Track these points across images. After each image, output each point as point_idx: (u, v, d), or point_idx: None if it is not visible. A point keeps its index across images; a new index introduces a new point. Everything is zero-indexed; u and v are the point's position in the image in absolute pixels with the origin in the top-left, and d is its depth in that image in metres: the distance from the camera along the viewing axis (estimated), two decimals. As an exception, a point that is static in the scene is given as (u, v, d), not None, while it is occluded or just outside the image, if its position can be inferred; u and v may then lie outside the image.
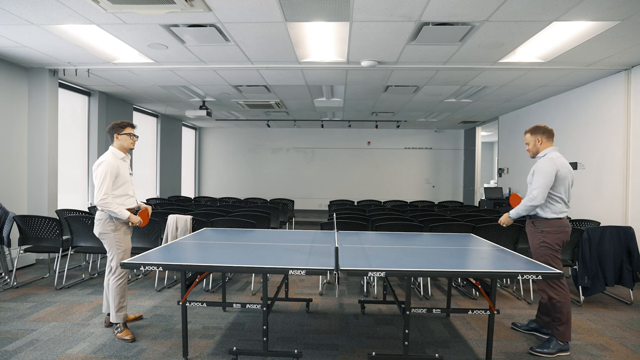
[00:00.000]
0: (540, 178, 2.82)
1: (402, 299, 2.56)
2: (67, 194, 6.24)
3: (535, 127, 3.04)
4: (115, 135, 3.09)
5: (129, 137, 3.13)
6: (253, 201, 7.67)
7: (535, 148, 3.00)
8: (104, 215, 2.99)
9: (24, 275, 4.61)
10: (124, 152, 3.12)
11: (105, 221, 2.99)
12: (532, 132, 3.02)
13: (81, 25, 3.86)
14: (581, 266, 3.85)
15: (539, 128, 3.01)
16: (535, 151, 3.01)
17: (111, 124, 3.15)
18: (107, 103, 6.98)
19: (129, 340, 2.88)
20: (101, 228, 3.01)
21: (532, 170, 2.94)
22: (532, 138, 3.01)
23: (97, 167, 2.95)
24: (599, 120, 5.59)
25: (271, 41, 4.24)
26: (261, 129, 11.73)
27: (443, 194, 11.47)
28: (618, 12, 3.40)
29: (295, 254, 2.68)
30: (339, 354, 2.72)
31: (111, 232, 3.01)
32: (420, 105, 7.79)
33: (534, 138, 2.99)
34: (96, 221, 3.03)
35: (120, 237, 3.04)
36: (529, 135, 3.03)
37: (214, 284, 4.33)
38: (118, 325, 2.95)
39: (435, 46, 4.33)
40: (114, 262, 3.04)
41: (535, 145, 2.99)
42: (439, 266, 2.42)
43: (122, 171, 3.03)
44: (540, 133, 2.98)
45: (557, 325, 2.79)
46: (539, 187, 2.81)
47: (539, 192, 2.80)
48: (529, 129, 3.07)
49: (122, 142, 3.10)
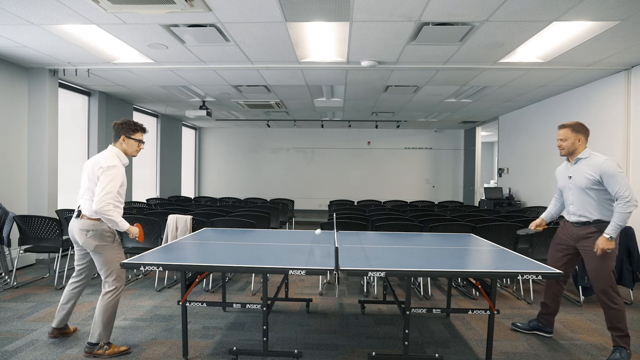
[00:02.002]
0: (622, 179, 2.57)
1: (402, 299, 2.56)
2: (67, 194, 6.24)
3: (578, 123, 2.77)
4: (123, 137, 2.70)
5: (137, 144, 2.76)
6: (253, 201, 7.67)
7: (574, 147, 2.76)
8: (100, 225, 2.62)
9: (24, 275, 4.61)
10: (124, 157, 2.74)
11: (103, 232, 2.62)
12: (575, 129, 2.75)
13: (81, 25, 3.86)
14: (581, 266, 3.84)
15: (582, 126, 2.76)
16: (573, 150, 2.77)
17: (122, 120, 2.74)
18: (107, 103, 6.98)
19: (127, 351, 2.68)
20: (98, 240, 2.61)
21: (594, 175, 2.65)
22: (573, 135, 2.74)
23: (107, 169, 2.56)
24: (599, 121, 5.59)
25: (271, 41, 4.24)
26: (261, 129, 11.73)
27: (443, 194, 11.47)
28: (618, 12, 3.40)
29: (295, 254, 2.68)
30: (339, 354, 2.72)
31: (111, 242, 2.66)
32: (420, 105, 7.79)
33: (576, 137, 2.74)
34: (85, 232, 2.61)
35: (120, 249, 2.73)
36: (570, 132, 2.75)
37: (214, 284, 4.33)
38: (101, 344, 2.60)
39: (435, 46, 4.33)
40: (111, 277, 2.64)
41: (574, 143, 2.75)
42: (439, 266, 2.42)
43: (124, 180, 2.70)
44: (583, 133, 2.75)
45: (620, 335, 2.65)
46: (628, 188, 2.55)
47: (631, 193, 2.54)
48: (569, 124, 2.78)
49: (127, 147, 2.73)
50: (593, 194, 2.70)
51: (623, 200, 2.54)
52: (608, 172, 2.61)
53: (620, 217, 2.55)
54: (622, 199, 2.55)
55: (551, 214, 3.11)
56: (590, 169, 2.69)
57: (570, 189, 2.83)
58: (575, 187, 2.78)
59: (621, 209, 2.55)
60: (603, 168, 2.64)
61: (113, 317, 2.66)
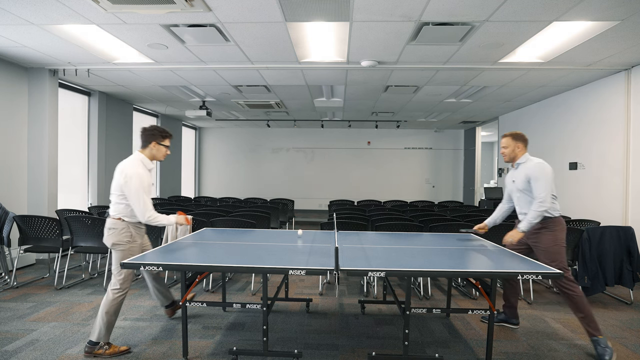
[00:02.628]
0: (543, 182, 2.87)
1: (402, 299, 2.56)
2: (67, 194, 6.25)
3: (516, 133, 3.09)
4: (154, 143, 2.83)
5: (165, 150, 2.91)
6: (253, 201, 7.66)
7: (514, 154, 3.07)
8: (120, 225, 2.72)
9: (24, 275, 4.61)
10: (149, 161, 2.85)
11: (122, 231, 2.72)
12: (514, 137, 3.07)
13: (81, 25, 3.86)
14: (581, 266, 3.85)
15: (520, 135, 3.08)
16: (513, 156, 3.08)
17: (152, 127, 2.88)
18: (107, 103, 6.98)
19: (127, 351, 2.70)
20: (116, 238, 2.71)
21: (525, 178, 2.96)
22: (513, 143, 3.06)
23: (128, 181, 2.66)
24: (599, 120, 5.59)
25: (271, 41, 4.24)
26: (261, 129, 11.73)
27: (443, 194, 11.47)
28: (618, 12, 3.40)
29: (295, 254, 2.68)
30: (339, 354, 2.72)
31: (127, 243, 2.74)
32: (420, 105, 7.79)
33: (515, 144, 3.06)
34: (108, 230, 2.74)
35: (135, 249, 2.78)
36: (510, 140, 3.07)
37: (214, 284, 4.33)
38: (101, 344, 2.64)
39: (435, 46, 4.33)
40: (118, 277, 2.72)
41: (514, 150, 3.06)
42: (439, 266, 2.42)
43: (147, 183, 2.78)
44: (522, 141, 3.06)
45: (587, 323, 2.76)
46: (545, 191, 2.85)
47: (547, 195, 2.85)
48: (509, 133, 3.11)
49: (156, 152, 2.86)
50: (530, 195, 2.97)
51: (538, 201, 2.86)
52: (533, 175, 2.92)
53: (532, 214, 2.89)
54: (536, 200, 2.87)
55: (494, 219, 3.38)
56: (525, 172, 2.98)
57: (514, 193, 3.13)
58: (517, 190, 3.08)
59: (534, 208, 2.88)
60: (531, 171, 2.95)
61: (115, 317, 2.71)
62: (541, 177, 2.89)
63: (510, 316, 3.26)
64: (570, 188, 6.22)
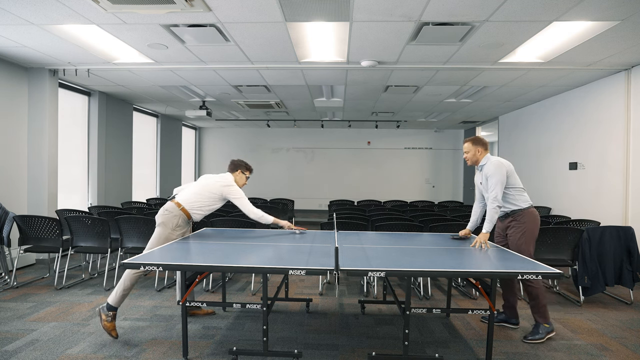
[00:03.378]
0: (493, 179, 3.05)
1: (402, 299, 2.56)
2: (67, 194, 6.24)
3: (475, 138, 3.26)
4: (240, 170, 3.48)
5: (246, 180, 3.53)
6: (253, 201, 7.65)
7: (475, 157, 3.23)
8: (177, 212, 3.15)
9: (24, 275, 4.61)
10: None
11: (174, 217, 3.14)
12: (474, 142, 3.23)
13: (81, 25, 3.86)
14: (581, 266, 3.85)
15: (479, 140, 3.24)
16: (475, 160, 3.24)
17: (242, 162, 3.54)
18: (107, 103, 6.98)
19: (114, 336, 2.86)
20: (165, 219, 3.13)
21: (485, 177, 3.15)
22: (473, 148, 3.22)
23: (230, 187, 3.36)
24: (599, 120, 5.59)
25: (271, 41, 4.24)
26: (261, 129, 11.73)
27: (443, 194, 11.47)
28: (618, 12, 3.40)
29: (295, 254, 2.68)
30: (339, 354, 2.72)
31: (169, 228, 3.11)
32: (420, 105, 7.79)
33: (475, 148, 3.21)
34: (165, 210, 3.17)
35: (171, 237, 3.11)
36: (470, 145, 3.23)
37: (214, 284, 4.33)
38: (109, 314, 2.86)
39: (435, 46, 4.33)
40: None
41: (475, 154, 3.22)
42: (439, 266, 2.42)
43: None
44: (481, 145, 3.22)
45: (537, 310, 3.02)
46: (495, 186, 3.04)
47: (497, 191, 3.03)
48: (469, 139, 3.27)
49: (240, 179, 3.47)
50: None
51: (490, 198, 3.06)
52: (487, 173, 3.12)
53: (488, 213, 3.08)
54: (490, 197, 3.07)
55: (474, 222, 3.50)
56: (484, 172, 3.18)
57: (484, 192, 3.27)
58: (485, 190, 3.21)
59: (490, 205, 3.07)
60: (486, 171, 3.14)
61: (129, 289, 2.95)
62: (493, 175, 3.05)
63: (510, 316, 3.27)
64: (570, 188, 6.22)
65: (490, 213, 3.06)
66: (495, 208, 3.04)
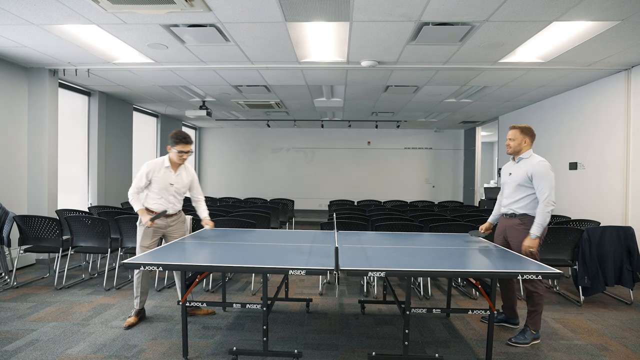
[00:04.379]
0: (548, 181, 2.88)
1: (402, 299, 2.56)
2: (67, 194, 6.24)
3: (525, 127, 3.07)
4: (169, 147, 3.26)
5: (178, 155, 3.24)
6: (253, 201, 7.67)
7: (519, 147, 3.05)
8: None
9: (24, 275, 4.61)
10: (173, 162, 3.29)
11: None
12: (523, 131, 3.05)
13: (81, 25, 3.86)
14: (581, 266, 3.85)
15: (529, 130, 3.06)
16: (518, 150, 3.05)
17: (173, 131, 3.29)
18: (107, 103, 6.97)
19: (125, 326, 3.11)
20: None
21: (529, 174, 2.95)
22: (521, 137, 3.04)
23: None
24: (599, 120, 5.59)
25: (271, 41, 4.24)
26: (261, 129, 11.73)
27: (443, 194, 11.47)
28: (618, 12, 3.40)
29: (295, 254, 2.68)
30: (339, 354, 2.72)
31: (138, 225, 3.23)
32: (420, 105, 7.79)
33: (523, 138, 3.03)
34: None
35: (141, 232, 3.20)
36: (518, 133, 3.04)
37: (214, 284, 4.33)
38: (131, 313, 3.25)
39: (435, 46, 4.33)
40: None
41: (520, 144, 3.04)
42: (439, 266, 2.42)
43: (159, 178, 3.22)
44: (530, 136, 3.05)
45: (532, 316, 2.96)
46: (551, 190, 2.86)
47: (553, 195, 2.86)
48: (519, 126, 3.07)
49: (173, 157, 3.28)
50: (524, 191, 3.00)
51: (546, 201, 2.86)
52: (538, 172, 2.91)
53: (540, 216, 2.88)
54: (542, 199, 2.87)
55: (496, 216, 3.37)
56: (527, 168, 2.98)
57: (508, 185, 3.12)
58: (512, 183, 3.07)
59: (540, 209, 2.88)
60: (536, 168, 2.94)
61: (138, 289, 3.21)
62: (546, 176, 2.88)
63: (510, 316, 3.26)
64: (570, 188, 6.22)
65: (543, 216, 2.86)
66: (549, 212, 2.86)
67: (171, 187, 3.27)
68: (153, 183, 3.23)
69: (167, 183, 3.25)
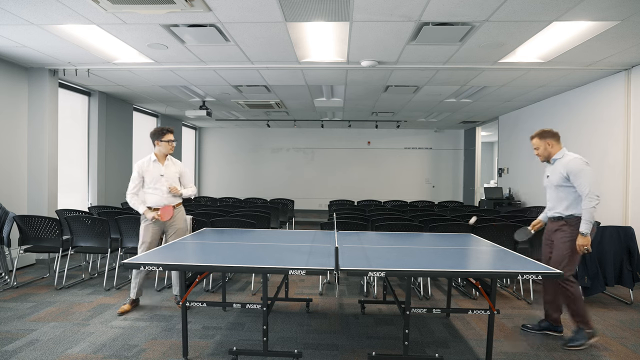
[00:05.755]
0: (586, 177, 2.79)
1: (402, 299, 2.56)
2: (67, 194, 6.24)
3: (542, 131, 3.03)
4: (156, 142, 3.53)
5: (168, 144, 3.53)
6: (253, 201, 7.67)
7: (547, 152, 3.01)
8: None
9: (24, 275, 4.61)
10: (160, 156, 3.56)
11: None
12: (541, 136, 3.01)
13: (81, 25, 3.86)
14: (581, 266, 3.84)
15: (546, 132, 3.01)
16: (547, 155, 3.01)
17: (153, 130, 3.55)
18: (107, 103, 6.98)
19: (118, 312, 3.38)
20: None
21: (565, 173, 2.87)
22: (541, 142, 3.01)
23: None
24: (599, 120, 5.59)
25: (271, 41, 4.24)
26: (261, 129, 11.73)
27: (443, 194, 11.47)
28: (618, 12, 3.40)
29: (295, 254, 2.68)
30: (339, 354, 2.72)
31: (142, 222, 3.52)
32: (420, 105, 7.79)
33: (545, 142, 3.00)
34: None
35: (142, 228, 3.49)
36: (538, 140, 3.02)
37: (214, 284, 4.33)
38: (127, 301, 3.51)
39: (435, 46, 4.33)
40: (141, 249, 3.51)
41: (546, 149, 3.00)
42: (439, 266, 2.42)
43: (149, 172, 3.49)
44: (550, 137, 2.99)
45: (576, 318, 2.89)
46: (590, 184, 2.77)
47: (595, 189, 2.77)
48: (535, 134, 3.05)
49: (161, 148, 3.54)
50: (564, 191, 2.93)
51: (585, 197, 2.78)
52: (573, 169, 2.84)
53: (585, 213, 2.79)
54: (584, 196, 2.79)
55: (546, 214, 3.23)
56: (561, 167, 2.92)
57: (549, 188, 3.07)
58: (551, 185, 3.02)
59: (585, 205, 2.79)
60: (569, 166, 2.87)
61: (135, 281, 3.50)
62: (581, 172, 2.80)
63: (554, 323, 3.10)
64: (570, 188, 6.20)
65: (589, 212, 2.76)
66: (594, 207, 2.75)
67: (162, 177, 3.52)
68: (145, 178, 3.50)
69: (157, 175, 3.51)
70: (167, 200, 3.52)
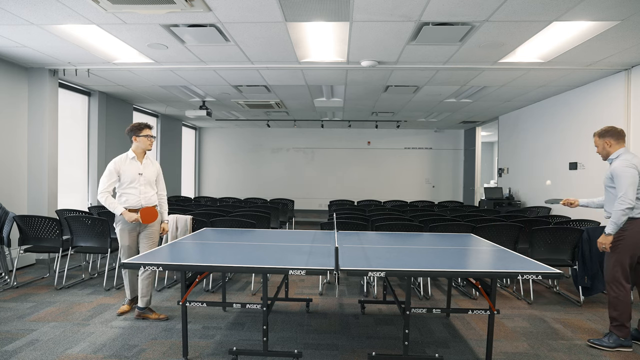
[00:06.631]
0: (624, 179, 2.74)
1: (402, 299, 2.56)
2: (67, 194, 6.24)
3: (603, 130, 2.97)
4: (134, 137, 3.31)
5: (147, 139, 3.33)
6: (253, 201, 7.67)
7: (605, 151, 2.96)
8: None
9: (24, 275, 4.61)
10: (138, 153, 3.33)
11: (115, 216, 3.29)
12: (601, 135, 2.97)
13: (81, 25, 3.86)
14: (581, 266, 3.85)
15: (607, 131, 2.95)
16: (606, 154, 2.97)
17: (129, 126, 3.34)
18: (107, 103, 6.97)
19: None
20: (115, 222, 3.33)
21: (610, 174, 2.87)
22: (600, 141, 2.98)
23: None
24: (599, 120, 5.58)
25: (271, 41, 4.24)
26: (261, 129, 11.73)
27: (443, 194, 11.47)
28: (618, 12, 3.40)
29: (295, 254, 2.68)
30: (339, 354, 2.72)
31: (116, 226, 3.31)
32: (420, 105, 7.79)
33: (603, 141, 2.96)
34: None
35: (118, 232, 3.30)
36: (597, 139, 3.00)
37: (214, 284, 4.33)
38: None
39: (435, 46, 4.33)
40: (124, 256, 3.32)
41: (604, 148, 2.96)
42: (439, 266, 2.42)
43: (127, 170, 3.25)
44: (609, 136, 2.93)
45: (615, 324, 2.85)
46: (627, 187, 2.72)
47: (629, 192, 2.72)
48: (597, 132, 3.01)
49: (139, 144, 3.32)
50: (610, 191, 2.91)
51: (618, 199, 2.76)
52: (615, 171, 2.82)
53: (614, 214, 2.78)
54: (617, 198, 2.77)
55: (588, 202, 3.24)
56: (610, 168, 2.91)
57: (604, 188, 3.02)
58: (604, 186, 3.00)
59: (615, 207, 2.78)
60: (613, 167, 2.86)
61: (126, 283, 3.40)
62: (621, 175, 2.76)
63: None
64: (570, 188, 6.21)
65: (617, 215, 2.74)
66: (623, 210, 2.70)
67: (140, 177, 3.30)
68: (122, 177, 3.25)
69: (135, 174, 3.28)
70: (145, 201, 3.30)
